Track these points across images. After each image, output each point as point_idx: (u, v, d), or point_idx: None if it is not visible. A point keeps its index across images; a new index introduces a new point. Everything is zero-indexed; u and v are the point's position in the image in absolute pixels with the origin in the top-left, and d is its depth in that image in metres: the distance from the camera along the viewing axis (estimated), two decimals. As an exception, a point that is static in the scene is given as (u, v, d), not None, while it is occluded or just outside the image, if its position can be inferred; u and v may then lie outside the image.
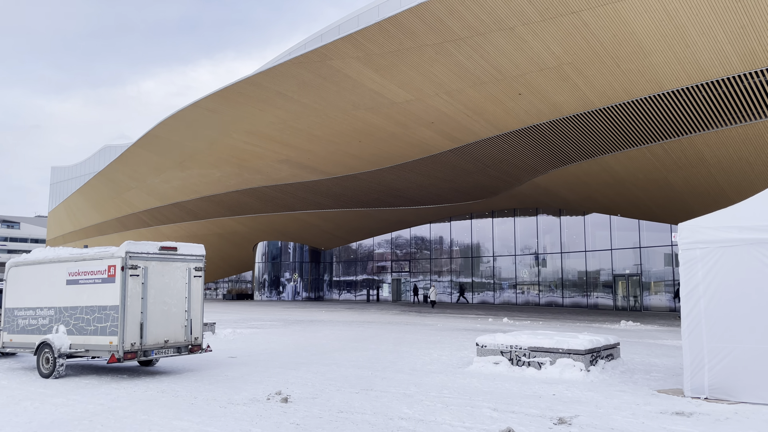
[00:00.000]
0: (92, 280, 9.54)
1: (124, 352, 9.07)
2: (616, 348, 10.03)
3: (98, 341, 9.30)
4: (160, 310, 9.62)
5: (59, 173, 68.95)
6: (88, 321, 9.47)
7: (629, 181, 24.68)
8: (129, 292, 9.20)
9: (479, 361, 9.55)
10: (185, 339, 9.96)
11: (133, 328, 9.21)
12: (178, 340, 9.85)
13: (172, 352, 9.76)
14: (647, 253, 32.03)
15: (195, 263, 10.35)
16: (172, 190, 38.32)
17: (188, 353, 10.03)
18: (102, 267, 9.45)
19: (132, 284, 9.25)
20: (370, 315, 26.39)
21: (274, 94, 21.80)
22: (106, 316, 9.27)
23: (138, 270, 9.34)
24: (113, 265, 9.27)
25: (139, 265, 9.39)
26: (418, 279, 45.04)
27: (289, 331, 16.83)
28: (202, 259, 10.55)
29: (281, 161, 29.29)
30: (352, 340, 14.59)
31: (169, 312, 9.76)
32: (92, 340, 9.37)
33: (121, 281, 9.16)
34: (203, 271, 10.52)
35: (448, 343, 13.91)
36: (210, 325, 14.74)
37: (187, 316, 10.03)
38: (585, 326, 19.74)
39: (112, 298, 9.21)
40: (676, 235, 7.98)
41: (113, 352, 9.05)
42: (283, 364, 10.54)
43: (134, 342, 9.22)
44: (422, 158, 26.47)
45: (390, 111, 21.75)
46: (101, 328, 9.30)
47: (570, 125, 20.48)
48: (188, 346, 10.03)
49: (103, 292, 9.35)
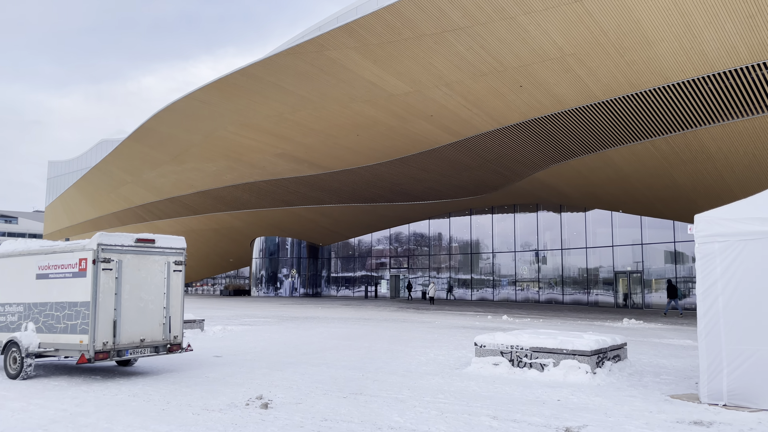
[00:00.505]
0: (63, 274, 8.98)
1: (96, 352, 8.52)
2: (623, 348, 9.51)
3: (68, 340, 8.74)
4: (135, 307, 9.03)
5: (56, 168, 68.44)
6: (58, 318, 8.91)
7: (632, 177, 24.20)
8: (101, 287, 8.63)
9: (478, 361, 8.99)
10: (163, 338, 9.40)
11: (106, 326, 8.63)
12: (155, 338, 9.29)
13: (149, 352, 9.20)
14: (649, 250, 31.59)
15: (174, 257, 9.75)
16: (168, 185, 37.85)
17: (167, 353, 9.45)
18: (73, 260, 8.87)
19: (104, 279, 8.68)
20: (366, 312, 25.93)
21: (269, 85, 21.30)
22: (77, 313, 8.69)
23: (111, 264, 8.76)
24: (84, 259, 8.69)
25: (113, 259, 8.79)
26: (417, 275, 44.59)
27: (281, 329, 16.34)
28: (182, 253, 9.96)
29: (278, 155, 28.80)
30: (345, 338, 14.09)
31: (145, 309, 9.17)
32: (62, 338, 8.83)
33: (93, 276, 8.58)
34: (184, 266, 9.93)
35: (445, 341, 13.42)
36: (199, 322, 14.24)
37: (166, 314, 9.44)
38: (586, 324, 19.28)
39: (83, 294, 8.63)
40: (692, 227, 7.40)
41: (83, 352, 8.51)
42: (269, 364, 10.08)
43: (107, 341, 8.65)
44: (421, 152, 25.99)
45: (388, 103, 21.26)
46: (71, 326, 8.73)
47: (572, 118, 19.99)
48: (167, 345, 9.44)
49: (74, 287, 8.78)
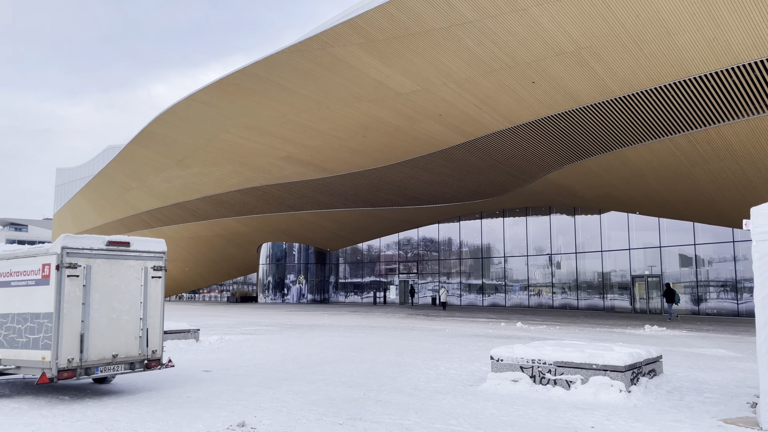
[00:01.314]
0: (25, 281, 8.01)
1: (59, 370, 7.53)
2: (658, 362, 8.51)
3: (30, 356, 7.75)
4: (107, 318, 8.04)
5: (64, 175, 68.28)
6: (19, 331, 7.91)
7: (650, 176, 23.25)
8: (66, 296, 7.63)
9: (495, 377, 8.07)
10: (139, 352, 8.42)
11: (71, 341, 7.63)
12: (130, 354, 8.31)
13: (122, 369, 8.22)
14: (667, 253, 30.51)
15: (153, 261, 8.69)
16: (173, 190, 37.30)
17: (144, 369, 8.47)
18: (36, 266, 7.86)
19: (70, 287, 7.69)
20: (374, 319, 25.09)
21: (272, 85, 20.61)
22: (39, 326, 7.69)
23: (78, 269, 7.75)
24: (48, 264, 7.75)
25: (80, 264, 7.79)
26: (426, 281, 43.71)
27: (283, 338, 15.48)
28: (162, 257, 8.89)
29: (282, 158, 28.11)
30: (349, 348, 13.21)
31: (118, 320, 8.18)
32: (23, 354, 7.84)
33: (56, 283, 7.58)
34: (164, 271, 8.89)
35: (457, 352, 12.51)
36: (193, 331, 13.44)
37: (143, 325, 8.43)
38: (606, 332, 18.35)
39: (46, 304, 7.65)
40: (747, 222, 6.41)
41: (45, 370, 7.53)
42: (261, 381, 9.15)
43: (72, 357, 7.65)
44: (429, 154, 25.20)
45: (395, 103, 20.50)
46: (33, 341, 7.73)
47: (587, 116, 19.12)
48: (143, 360, 8.44)
49: (36, 296, 7.81)
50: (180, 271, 55.40)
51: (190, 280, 57.95)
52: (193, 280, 58.02)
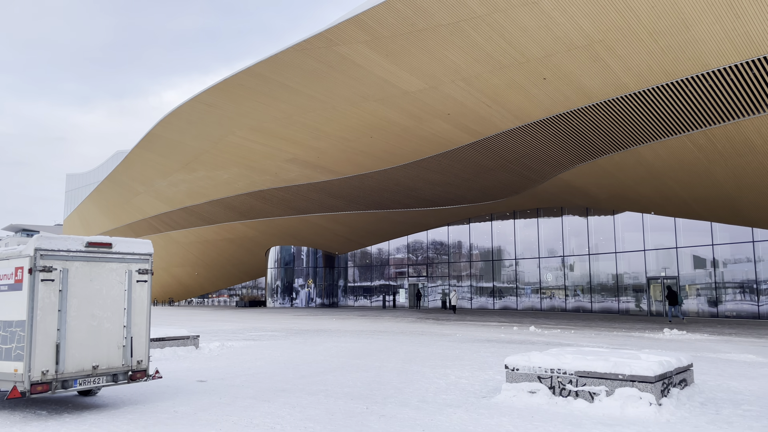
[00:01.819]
0: None
1: (32, 384, 6.87)
2: (689, 371, 7.79)
3: (2, 368, 7.13)
4: (86, 327, 7.37)
5: (74, 181, 68.44)
6: None
7: (666, 175, 22.57)
8: (39, 302, 6.99)
9: (510, 388, 7.43)
10: (123, 363, 7.73)
11: (46, 351, 6.98)
12: (112, 364, 7.61)
13: (104, 381, 7.51)
14: (684, 254, 29.71)
15: (138, 264, 8.01)
16: (181, 194, 37.03)
17: (128, 381, 7.77)
18: (8, 270, 7.25)
19: (44, 292, 7.04)
20: (382, 323, 24.55)
21: (277, 85, 20.19)
22: (12, 335, 7.05)
23: (53, 273, 7.10)
24: (20, 267, 7.09)
25: (56, 267, 7.14)
26: (437, 284, 43.10)
27: (287, 344, 14.92)
28: (147, 259, 8.17)
29: (289, 160, 27.70)
30: (355, 355, 12.63)
31: (99, 328, 7.50)
32: None
33: (29, 289, 6.94)
34: (150, 274, 8.17)
35: (468, 359, 11.86)
36: (193, 338, 12.94)
37: (126, 333, 7.74)
38: (623, 335, 17.69)
39: (19, 312, 7.00)
40: None
41: (17, 384, 6.88)
42: (258, 392, 8.50)
43: (46, 369, 6.98)
44: (438, 154, 24.67)
45: (402, 102, 20.01)
46: (6, 351, 7.09)
47: (601, 113, 18.52)
48: (127, 372, 7.75)
49: (9, 302, 7.18)
50: (189, 275, 55.17)
51: (198, 284, 57.71)
52: (202, 284, 57.77)
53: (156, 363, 11.05)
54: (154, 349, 11.67)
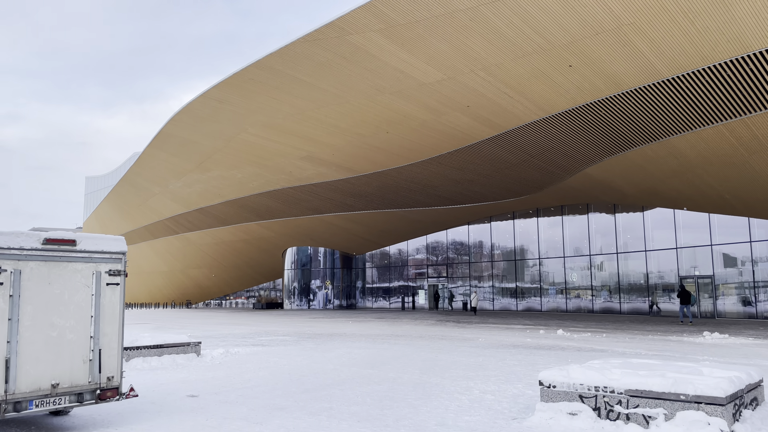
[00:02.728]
0: None
1: None
2: (759, 387, 6.53)
3: None
4: (43, 338, 6.30)
5: (93, 183, 68.69)
6: None
7: (701, 167, 21.27)
8: None
9: (546, 409, 6.29)
10: (89, 380, 6.58)
11: None
12: (76, 382, 6.48)
13: (67, 402, 6.40)
14: (719, 252, 28.21)
15: (109, 264, 6.86)
16: (195, 195, 36.50)
17: (96, 401, 6.60)
18: None
19: None
20: (400, 326, 23.58)
21: (289, 79, 19.38)
22: None
23: (2, 275, 6.06)
24: None
25: (5, 268, 6.10)
26: (457, 285, 41.99)
27: (296, 351, 13.97)
28: (120, 259, 7.00)
29: (303, 158, 26.90)
30: (368, 364, 11.57)
31: (60, 340, 6.40)
32: None
33: None
34: (123, 276, 6.98)
35: (493, 368, 10.81)
36: (194, 345, 12.05)
37: (94, 345, 6.60)
38: (660, 339, 16.51)
39: None
40: None
41: None
42: (251, 412, 7.41)
43: None
44: (457, 150, 23.66)
45: (419, 94, 19.06)
46: None
47: (631, 102, 17.38)
48: (95, 390, 6.60)
49: None
50: (206, 277, 54.78)
51: (216, 286, 57.31)
52: (219, 286, 57.36)
53: (151, 373, 10.19)
54: (151, 358, 10.84)
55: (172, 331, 21.91)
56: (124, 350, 10.90)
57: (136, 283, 60.64)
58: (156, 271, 56.58)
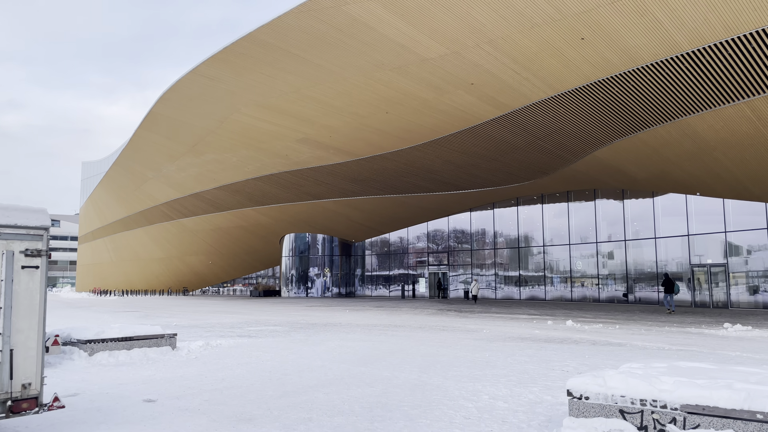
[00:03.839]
0: None
1: None
2: None
3: None
4: None
5: (89, 168, 67.54)
6: None
7: (719, 150, 20.13)
8: None
9: (576, 426, 4.98)
10: None
11: None
12: None
13: None
14: (735, 239, 27.00)
15: (24, 242, 5.47)
16: (190, 180, 35.42)
17: (6, 415, 5.32)
18: None
19: None
20: (399, 316, 22.57)
21: (282, 54, 18.24)
22: None
23: None
24: None
25: None
26: (458, 273, 40.97)
27: (284, 343, 12.73)
28: (41, 235, 5.59)
29: (300, 141, 25.78)
30: (361, 359, 10.29)
31: None
32: None
33: None
34: (45, 258, 5.53)
35: (502, 365, 9.49)
36: (168, 337, 10.85)
37: (2, 344, 5.28)
38: (678, 331, 15.46)
39: None
40: None
41: None
42: (211, 423, 6.11)
43: None
44: (460, 131, 22.53)
45: (420, 71, 17.92)
46: None
47: (647, 78, 16.24)
48: (5, 402, 5.28)
49: None
50: (203, 264, 53.82)
51: (213, 274, 56.37)
52: (216, 274, 56.42)
53: (113, 370, 9.00)
54: (119, 352, 9.74)
55: (158, 319, 20.92)
56: (88, 343, 9.91)
57: (131, 269, 59.68)
58: (153, 258, 55.60)
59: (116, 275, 62.92)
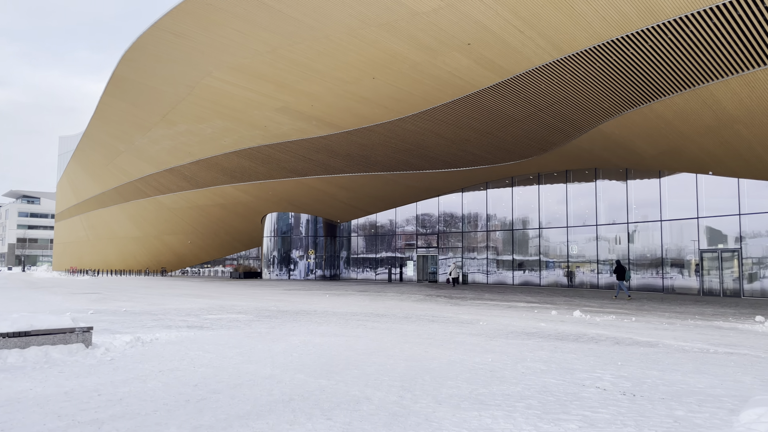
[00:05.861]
0: None
1: None
2: None
3: None
4: None
5: (66, 143, 64.75)
6: None
7: (741, 122, 18.19)
8: None
9: None
10: None
11: None
12: None
13: None
14: (750, 222, 25.09)
15: None
16: (164, 153, 33.11)
17: None
18: None
19: None
20: (384, 302, 20.60)
21: (255, 5, 16.02)
22: None
23: None
24: None
25: None
26: (448, 256, 39.09)
27: (238, 338, 10.20)
28: None
29: (279, 110, 23.57)
30: (324, 367, 7.78)
31: None
32: None
33: None
34: None
35: (512, 379, 7.05)
36: (80, 332, 8.38)
37: None
38: (707, 325, 13.58)
39: None
40: None
41: None
42: None
43: None
44: (453, 101, 20.45)
45: (411, 27, 15.77)
46: None
47: (667, 36, 14.20)
48: None
49: None
50: (182, 244, 51.60)
51: (192, 254, 54.17)
52: (196, 254, 54.21)
53: None
54: (9, 351, 7.48)
55: (114, 303, 18.78)
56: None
57: (108, 248, 57.29)
58: (129, 237, 53.23)
59: (93, 254, 60.50)
